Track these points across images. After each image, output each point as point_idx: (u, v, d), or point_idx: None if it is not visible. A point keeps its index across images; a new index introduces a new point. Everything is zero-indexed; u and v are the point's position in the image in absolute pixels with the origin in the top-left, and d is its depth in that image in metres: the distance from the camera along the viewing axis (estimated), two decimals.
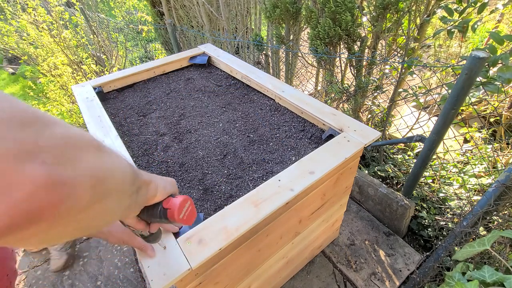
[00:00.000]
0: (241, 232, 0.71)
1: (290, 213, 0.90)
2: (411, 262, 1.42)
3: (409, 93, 1.68)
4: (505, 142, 1.79)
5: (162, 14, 3.47)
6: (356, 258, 1.46)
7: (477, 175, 1.55)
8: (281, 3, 1.90)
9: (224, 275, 0.83)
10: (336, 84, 1.87)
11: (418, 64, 1.53)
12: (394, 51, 1.77)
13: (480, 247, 0.85)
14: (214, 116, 1.23)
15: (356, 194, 1.72)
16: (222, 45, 2.95)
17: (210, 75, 1.54)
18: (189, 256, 0.66)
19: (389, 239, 1.53)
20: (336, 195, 1.13)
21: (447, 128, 1.19)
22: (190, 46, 3.44)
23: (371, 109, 2.05)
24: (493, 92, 1.10)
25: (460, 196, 1.56)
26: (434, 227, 1.51)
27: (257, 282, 1.07)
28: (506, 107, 1.95)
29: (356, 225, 1.61)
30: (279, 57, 2.47)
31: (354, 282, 1.37)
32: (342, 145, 0.93)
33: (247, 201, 0.78)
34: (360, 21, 1.69)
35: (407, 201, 1.45)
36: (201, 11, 2.88)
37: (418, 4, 1.50)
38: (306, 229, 1.10)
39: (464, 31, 1.37)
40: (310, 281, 1.39)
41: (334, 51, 1.81)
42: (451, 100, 1.10)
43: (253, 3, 2.83)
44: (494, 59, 1.08)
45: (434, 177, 1.67)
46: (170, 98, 1.37)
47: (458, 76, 1.06)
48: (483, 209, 1.06)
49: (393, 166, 1.82)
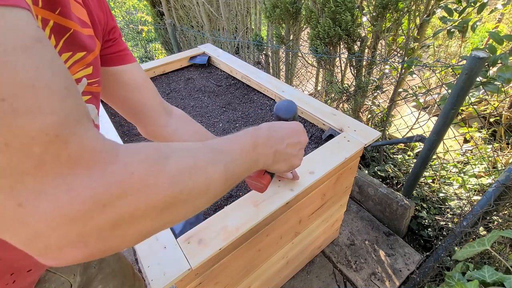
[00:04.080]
0: (241, 232, 0.71)
1: (290, 213, 0.90)
2: (411, 262, 1.42)
3: (409, 93, 1.68)
4: (505, 142, 1.79)
5: (162, 14, 3.47)
6: (356, 258, 1.46)
7: (477, 175, 1.55)
8: (281, 3, 1.90)
9: (224, 275, 0.84)
10: (336, 84, 1.87)
11: (418, 64, 1.53)
12: (394, 51, 1.77)
13: (480, 247, 0.85)
14: (214, 116, 1.23)
15: (356, 194, 1.72)
16: (222, 45, 2.95)
17: (210, 75, 1.54)
18: (189, 256, 0.66)
19: (389, 239, 1.53)
20: (336, 195, 1.13)
21: (447, 128, 1.19)
22: (190, 46, 3.44)
23: (371, 109, 2.05)
24: (493, 92, 1.10)
25: (460, 196, 1.56)
26: (434, 227, 1.51)
27: (257, 282, 1.07)
28: (506, 107, 1.95)
29: (356, 225, 1.61)
30: (279, 57, 2.47)
31: (354, 282, 1.37)
32: (342, 145, 0.93)
33: (247, 201, 0.78)
34: (360, 21, 1.69)
35: (407, 201, 1.45)
36: (201, 11, 2.88)
37: (417, 4, 1.50)
38: (306, 229, 1.10)
39: (463, 31, 1.37)
40: (310, 281, 1.39)
41: (334, 51, 1.82)
42: (451, 100, 1.10)
43: (253, 3, 2.83)
44: (494, 59, 1.08)
45: (434, 177, 1.67)
46: (170, 98, 1.37)
47: (458, 76, 1.06)
48: (483, 209, 1.06)
49: (393, 166, 1.83)
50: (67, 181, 0.22)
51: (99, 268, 0.69)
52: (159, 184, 0.27)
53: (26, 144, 0.21)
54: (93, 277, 0.67)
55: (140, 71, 0.59)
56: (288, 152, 0.50)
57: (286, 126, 0.52)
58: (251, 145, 0.43)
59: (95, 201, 0.23)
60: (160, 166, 0.28)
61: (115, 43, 0.54)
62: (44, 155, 0.21)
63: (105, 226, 0.24)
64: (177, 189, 0.29)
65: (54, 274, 0.53)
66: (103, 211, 0.24)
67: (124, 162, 0.26)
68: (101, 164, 0.24)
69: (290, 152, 0.51)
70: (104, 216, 0.24)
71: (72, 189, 0.22)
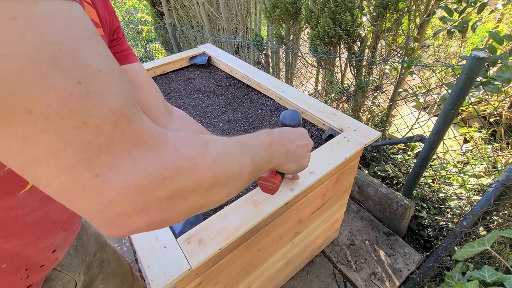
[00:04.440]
0: (241, 232, 0.71)
1: (290, 213, 0.90)
2: (411, 262, 1.42)
3: (409, 93, 1.68)
4: (505, 142, 1.79)
5: (162, 14, 3.47)
6: (356, 258, 1.46)
7: (477, 175, 1.55)
8: (281, 3, 1.90)
9: (224, 275, 0.84)
10: (336, 84, 1.87)
11: (418, 64, 1.53)
12: (394, 51, 1.77)
13: (480, 247, 0.85)
14: (214, 116, 1.23)
15: (356, 194, 1.72)
16: (222, 45, 2.95)
17: (210, 75, 1.54)
18: (189, 256, 0.66)
19: (389, 239, 1.53)
20: (336, 195, 1.13)
21: (447, 128, 1.19)
22: (190, 46, 3.44)
23: (371, 109, 2.05)
24: (493, 92, 1.10)
25: (460, 196, 1.56)
26: (434, 227, 1.51)
27: (257, 282, 1.07)
28: (506, 107, 1.95)
29: (356, 225, 1.61)
30: (279, 57, 2.47)
31: (354, 282, 1.37)
32: (342, 145, 0.93)
33: (247, 201, 0.78)
34: (360, 21, 1.69)
35: (407, 201, 1.45)
36: (201, 11, 2.88)
37: (417, 4, 1.50)
38: (306, 229, 1.10)
39: (463, 31, 1.37)
40: (310, 281, 1.39)
41: (334, 51, 1.82)
42: (451, 100, 1.10)
43: (253, 3, 2.83)
44: (494, 59, 1.08)
45: (434, 177, 1.67)
46: (170, 98, 1.37)
47: (458, 76, 1.06)
48: (483, 209, 1.06)
49: (393, 166, 1.82)
50: (132, 156, 0.26)
51: (100, 267, 0.69)
52: (205, 164, 0.31)
53: (99, 122, 0.23)
54: (95, 277, 0.68)
55: (143, 70, 0.60)
56: (298, 152, 0.55)
57: (294, 130, 0.58)
58: (268, 142, 0.47)
59: (157, 174, 0.27)
60: (204, 149, 0.32)
61: (119, 42, 0.55)
62: (113, 132, 0.24)
63: (164, 197, 0.28)
64: (218, 170, 0.33)
65: (60, 273, 0.54)
66: (163, 184, 0.27)
67: (174, 143, 0.30)
68: (157, 143, 0.28)
69: (299, 153, 0.55)
70: (164, 188, 0.27)
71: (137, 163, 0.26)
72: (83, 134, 0.23)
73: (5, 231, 0.36)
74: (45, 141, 0.21)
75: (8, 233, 0.36)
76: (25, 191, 0.36)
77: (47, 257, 0.44)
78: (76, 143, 0.23)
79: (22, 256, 0.40)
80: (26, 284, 0.43)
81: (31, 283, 0.44)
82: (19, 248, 0.39)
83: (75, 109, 0.22)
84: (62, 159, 0.22)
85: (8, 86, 0.19)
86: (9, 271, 0.39)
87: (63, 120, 0.22)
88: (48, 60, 0.21)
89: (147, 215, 0.27)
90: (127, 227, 0.27)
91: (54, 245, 0.45)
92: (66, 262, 0.56)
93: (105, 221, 0.26)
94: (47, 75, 0.21)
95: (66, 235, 0.47)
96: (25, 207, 0.37)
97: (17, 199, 0.35)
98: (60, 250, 0.47)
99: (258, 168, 0.43)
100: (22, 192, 0.36)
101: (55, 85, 0.21)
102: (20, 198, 0.36)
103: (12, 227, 0.36)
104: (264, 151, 0.45)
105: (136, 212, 0.26)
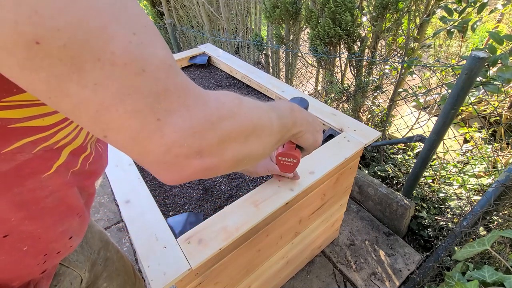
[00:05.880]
0: (241, 232, 0.71)
1: (290, 213, 0.90)
2: (411, 262, 1.42)
3: (409, 93, 1.68)
4: (505, 142, 1.79)
5: (162, 14, 3.47)
6: (356, 258, 1.46)
7: (477, 175, 1.55)
8: (281, 3, 1.90)
9: (224, 275, 0.84)
10: (336, 84, 1.87)
11: (418, 64, 1.53)
12: (394, 51, 1.77)
13: (480, 247, 0.85)
14: None
15: (356, 194, 1.72)
16: (222, 45, 2.95)
17: (210, 75, 1.54)
18: (189, 256, 0.66)
19: (389, 239, 1.53)
20: (336, 195, 1.13)
21: (447, 128, 1.19)
22: (190, 46, 3.44)
23: (371, 109, 2.05)
24: (493, 92, 1.10)
25: (460, 196, 1.56)
26: (434, 227, 1.51)
27: (257, 282, 1.07)
28: (506, 107, 1.95)
29: (356, 225, 1.61)
30: (279, 57, 2.47)
31: (354, 282, 1.37)
32: (342, 145, 0.93)
33: (247, 201, 0.78)
34: (360, 21, 1.69)
35: (407, 201, 1.45)
36: (201, 11, 2.88)
37: (417, 4, 1.50)
38: (306, 229, 1.10)
39: (464, 31, 1.37)
40: (310, 281, 1.39)
41: (334, 51, 1.82)
42: (451, 100, 1.10)
43: (253, 3, 2.83)
44: (494, 59, 1.08)
45: (434, 177, 1.67)
46: None
47: (458, 76, 1.06)
48: (483, 209, 1.06)
49: (393, 166, 1.82)
50: (186, 103, 0.28)
51: (104, 265, 0.70)
52: (242, 114, 0.34)
53: (156, 70, 0.25)
54: (99, 275, 0.68)
55: None
56: (315, 125, 0.57)
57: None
58: (289, 107, 0.49)
59: (207, 120, 0.30)
60: (239, 101, 0.35)
61: None
62: (167, 80, 0.26)
63: (214, 142, 0.30)
64: (254, 120, 0.36)
65: (67, 268, 0.55)
66: (212, 128, 0.30)
67: (214, 96, 0.33)
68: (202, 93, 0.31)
69: (315, 126, 0.57)
70: (213, 132, 0.30)
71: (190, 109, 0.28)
72: (144, 80, 0.25)
73: (29, 212, 0.37)
74: (113, 86, 0.24)
75: (32, 215, 0.38)
76: (48, 174, 0.37)
77: (64, 244, 0.46)
78: (139, 88, 0.25)
79: (43, 241, 0.41)
80: (42, 269, 0.44)
81: (46, 268, 0.45)
82: (41, 231, 0.40)
83: (135, 57, 0.24)
84: (129, 103, 0.24)
85: (84, 35, 0.21)
86: (29, 254, 0.40)
87: (126, 67, 0.24)
88: (108, 12, 0.23)
89: (201, 158, 0.30)
90: (187, 169, 0.30)
91: (70, 231, 0.46)
92: (73, 258, 0.57)
93: (168, 164, 0.28)
94: (109, 25, 0.23)
95: (80, 222, 0.48)
96: (46, 189, 0.38)
97: (40, 181, 0.37)
98: (75, 238, 0.48)
99: (285, 128, 0.45)
100: (46, 175, 0.37)
101: (117, 34, 0.23)
102: (43, 180, 0.37)
103: (35, 208, 0.38)
104: (287, 114, 0.47)
105: (193, 155, 0.29)
